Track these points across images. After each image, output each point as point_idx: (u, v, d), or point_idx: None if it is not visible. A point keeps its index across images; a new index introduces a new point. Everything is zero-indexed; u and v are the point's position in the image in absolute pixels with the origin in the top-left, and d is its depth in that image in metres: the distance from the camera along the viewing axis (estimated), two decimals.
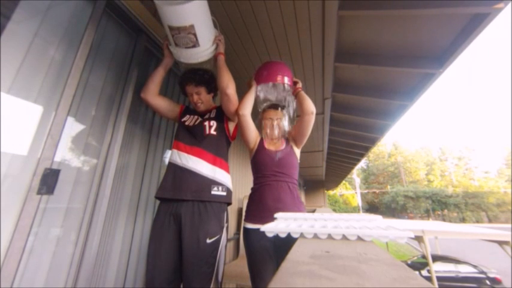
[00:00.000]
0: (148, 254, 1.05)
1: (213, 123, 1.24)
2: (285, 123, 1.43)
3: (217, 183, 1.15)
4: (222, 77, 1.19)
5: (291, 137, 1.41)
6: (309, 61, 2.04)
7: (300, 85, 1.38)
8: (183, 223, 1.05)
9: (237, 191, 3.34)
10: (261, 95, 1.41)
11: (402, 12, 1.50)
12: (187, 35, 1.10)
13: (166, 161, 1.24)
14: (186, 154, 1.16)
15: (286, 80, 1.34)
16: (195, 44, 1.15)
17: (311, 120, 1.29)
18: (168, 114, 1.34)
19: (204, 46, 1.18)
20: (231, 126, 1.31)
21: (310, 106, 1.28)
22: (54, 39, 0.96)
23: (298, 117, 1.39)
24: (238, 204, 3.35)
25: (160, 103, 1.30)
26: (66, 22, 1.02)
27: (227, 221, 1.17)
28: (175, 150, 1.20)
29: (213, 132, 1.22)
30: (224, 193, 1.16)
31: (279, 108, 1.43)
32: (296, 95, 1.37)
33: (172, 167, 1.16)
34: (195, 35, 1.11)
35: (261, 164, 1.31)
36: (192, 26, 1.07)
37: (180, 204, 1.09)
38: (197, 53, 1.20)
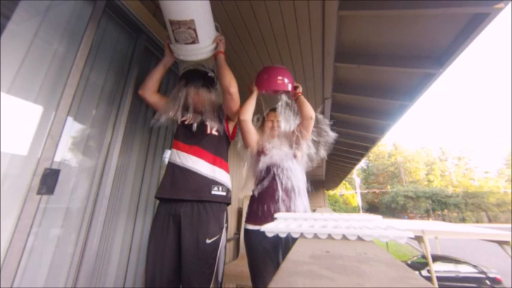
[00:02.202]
0: (147, 254, 1.05)
1: (213, 123, 1.24)
2: (285, 126, 1.44)
3: (218, 183, 1.15)
4: (224, 76, 1.18)
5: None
6: (309, 61, 2.04)
7: (300, 90, 1.40)
8: (182, 223, 1.05)
9: (237, 191, 3.34)
10: None
11: (402, 12, 1.50)
12: (187, 30, 1.11)
13: (166, 161, 1.24)
14: (185, 154, 1.16)
15: (287, 85, 1.36)
16: (195, 40, 1.15)
17: (310, 125, 1.30)
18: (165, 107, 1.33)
19: (204, 43, 1.18)
20: (231, 125, 1.31)
21: (310, 111, 1.29)
22: (54, 39, 0.96)
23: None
24: (238, 204, 3.35)
25: (158, 101, 1.28)
26: (66, 22, 1.02)
27: (227, 221, 1.17)
28: (174, 150, 1.20)
29: (213, 132, 1.23)
30: (224, 193, 1.16)
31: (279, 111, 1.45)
32: (296, 99, 1.38)
33: (172, 167, 1.16)
34: (195, 30, 1.11)
35: (262, 167, 1.32)
36: (192, 21, 1.08)
37: (179, 205, 1.08)
38: (196, 50, 1.20)
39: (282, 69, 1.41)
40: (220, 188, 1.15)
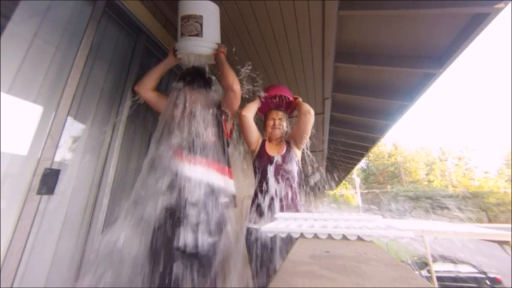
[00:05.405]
0: (148, 253, 1.05)
1: (212, 126, 1.23)
2: (285, 124, 1.47)
3: (223, 192, 1.14)
4: (227, 74, 1.20)
5: (291, 139, 1.43)
6: (309, 61, 2.04)
7: (300, 99, 1.48)
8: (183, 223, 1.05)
9: (238, 191, 3.33)
10: None
11: (402, 12, 1.50)
12: (194, 23, 1.22)
13: None
14: (189, 164, 1.11)
15: (286, 92, 1.48)
16: (199, 34, 1.23)
17: (309, 121, 1.32)
18: (162, 111, 1.31)
19: (206, 39, 1.25)
20: (228, 126, 1.31)
21: (307, 107, 1.34)
22: (54, 39, 0.96)
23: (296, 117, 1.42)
24: (238, 204, 3.34)
25: (156, 98, 1.27)
26: (66, 22, 1.02)
27: (228, 221, 1.17)
28: (176, 159, 1.12)
29: (213, 136, 1.21)
30: (227, 199, 1.16)
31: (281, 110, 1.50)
32: (296, 105, 1.46)
33: (175, 178, 1.08)
34: (201, 25, 1.23)
35: (262, 168, 1.34)
36: (200, 17, 1.23)
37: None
38: (198, 41, 1.24)
39: (282, 86, 1.56)
40: (225, 196, 1.15)
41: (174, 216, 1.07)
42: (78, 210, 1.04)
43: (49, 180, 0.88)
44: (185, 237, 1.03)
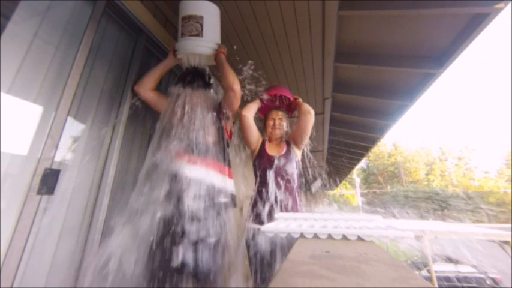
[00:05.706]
0: (148, 253, 1.05)
1: (212, 126, 1.23)
2: (285, 124, 1.48)
3: (223, 192, 1.14)
4: (228, 74, 1.20)
5: (291, 139, 1.43)
6: (309, 61, 2.04)
7: (300, 100, 1.49)
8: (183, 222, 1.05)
9: (238, 190, 3.33)
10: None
11: (402, 12, 1.50)
12: (194, 23, 1.23)
13: None
14: (188, 163, 1.11)
15: (286, 92, 1.49)
16: (199, 34, 1.24)
17: (309, 121, 1.33)
18: (162, 111, 1.31)
19: (206, 39, 1.26)
20: (228, 125, 1.31)
21: (307, 107, 1.36)
22: (54, 39, 0.96)
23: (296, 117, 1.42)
24: (238, 204, 3.34)
25: (156, 98, 1.27)
26: (66, 22, 1.02)
27: (228, 221, 1.17)
28: (175, 159, 1.12)
29: (213, 136, 1.21)
30: (227, 199, 1.16)
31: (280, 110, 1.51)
32: (296, 105, 1.47)
33: (173, 178, 1.08)
34: (201, 25, 1.24)
35: (262, 169, 1.34)
36: (201, 17, 1.25)
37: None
38: (198, 41, 1.25)
39: (282, 87, 1.56)
40: (224, 196, 1.15)
41: (173, 216, 1.07)
42: (78, 210, 1.04)
43: (49, 180, 0.88)
44: (185, 237, 1.03)
